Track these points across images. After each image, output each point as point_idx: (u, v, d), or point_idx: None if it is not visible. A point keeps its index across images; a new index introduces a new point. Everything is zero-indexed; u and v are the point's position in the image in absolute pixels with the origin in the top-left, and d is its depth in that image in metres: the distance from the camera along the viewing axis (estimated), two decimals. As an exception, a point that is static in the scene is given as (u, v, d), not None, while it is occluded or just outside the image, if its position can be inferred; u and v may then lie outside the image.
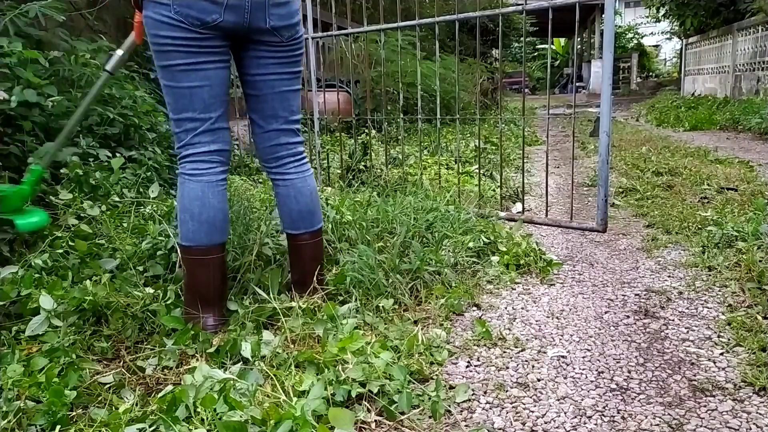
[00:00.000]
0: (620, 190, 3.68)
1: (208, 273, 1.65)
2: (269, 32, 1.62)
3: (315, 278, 1.82)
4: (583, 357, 1.57)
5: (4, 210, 1.75)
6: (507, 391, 1.41)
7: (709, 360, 1.53)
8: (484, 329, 1.68)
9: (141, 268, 1.92)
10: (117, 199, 2.42)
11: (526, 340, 1.68)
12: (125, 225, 2.22)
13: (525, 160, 3.27)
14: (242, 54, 1.67)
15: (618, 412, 1.31)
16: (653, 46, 24.25)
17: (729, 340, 1.63)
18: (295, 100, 1.76)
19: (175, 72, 1.56)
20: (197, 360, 1.46)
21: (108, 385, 1.38)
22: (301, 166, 1.80)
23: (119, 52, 1.83)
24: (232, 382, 1.28)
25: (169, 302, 1.72)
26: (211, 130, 1.63)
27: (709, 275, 2.14)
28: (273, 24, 1.61)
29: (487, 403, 1.36)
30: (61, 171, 2.37)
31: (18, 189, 1.78)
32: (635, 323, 1.78)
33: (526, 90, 9.98)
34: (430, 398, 1.29)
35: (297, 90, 1.76)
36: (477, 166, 3.69)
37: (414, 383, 1.36)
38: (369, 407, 1.29)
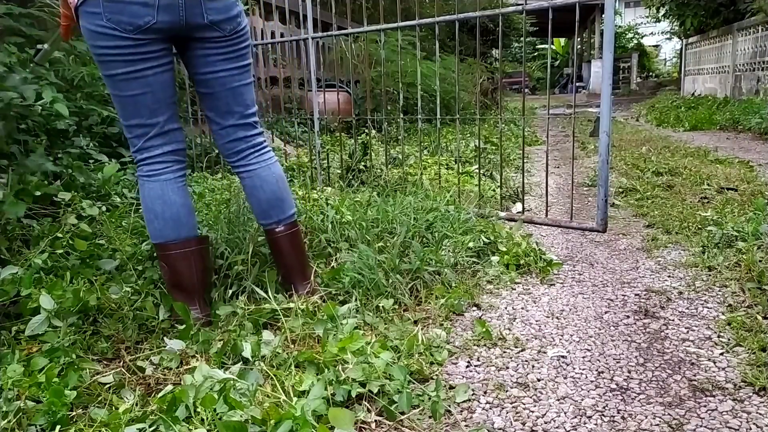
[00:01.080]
0: (620, 190, 3.68)
1: (184, 266, 1.67)
2: (209, 28, 1.60)
3: (310, 277, 1.82)
4: (583, 357, 1.57)
5: None
6: (507, 391, 1.41)
7: (709, 360, 1.53)
8: (484, 329, 1.68)
9: (140, 268, 1.92)
10: (117, 199, 2.42)
11: (526, 340, 1.68)
12: (125, 225, 2.22)
13: (525, 160, 3.27)
14: (188, 54, 1.66)
15: (618, 412, 1.31)
16: (653, 46, 24.24)
17: (729, 340, 1.63)
18: (248, 94, 1.75)
19: (117, 81, 1.55)
20: (197, 360, 1.46)
21: (108, 385, 1.38)
22: (263, 155, 1.79)
23: (45, 46, 1.90)
24: (232, 382, 1.28)
25: (154, 301, 1.72)
26: (162, 134, 1.64)
27: (709, 275, 2.14)
28: (212, 18, 1.58)
29: (487, 403, 1.36)
30: (63, 171, 2.38)
31: None
32: (635, 323, 1.78)
33: (526, 90, 9.97)
34: (430, 398, 1.29)
35: (249, 83, 1.75)
36: (477, 166, 3.69)
37: (414, 383, 1.36)
38: (369, 407, 1.29)
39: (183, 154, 1.71)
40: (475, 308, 1.92)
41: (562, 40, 27.09)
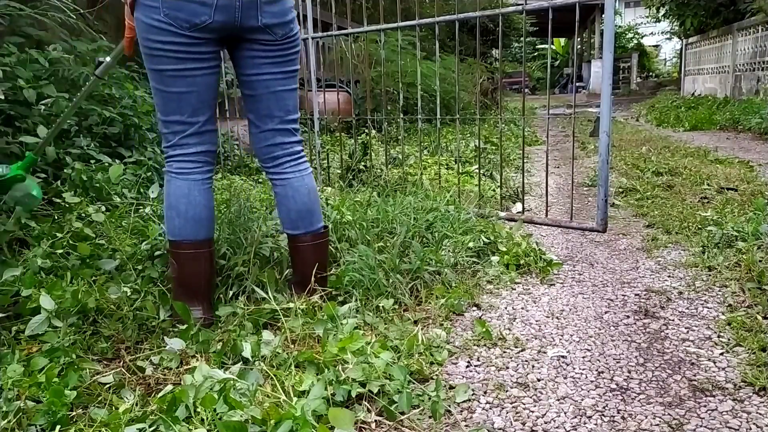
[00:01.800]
0: (620, 190, 3.68)
1: (195, 266, 1.67)
2: (262, 30, 1.61)
3: (314, 279, 1.82)
4: (583, 357, 1.57)
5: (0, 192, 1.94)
6: (507, 391, 1.41)
7: (709, 360, 1.53)
8: (484, 329, 1.68)
9: (140, 268, 1.92)
10: (117, 199, 2.42)
11: (526, 340, 1.68)
12: (125, 225, 2.22)
13: (525, 160, 3.27)
14: (236, 54, 1.67)
15: (618, 412, 1.31)
16: (653, 46, 24.25)
17: (729, 340, 1.63)
18: (291, 100, 1.75)
19: (165, 77, 1.56)
20: (197, 360, 1.46)
21: (108, 385, 1.37)
22: (299, 165, 1.79)
23: (108, 59, 1.90)
24: (232, 382, 1.28)
25: (154, 301, 1.72)
26: (199, 133, 1.65)
27: (709, 275, 2.14)
28: (266, 22, 1.59)
29: (487, 403, 1.36)
30: (64, 171, 2.38)
31: (12, 175, 1.98)
32: (635, 323, 1.78)
33: (526, 90, 9.97)
34: (430, 398, 1.29)
35: (293, 89, 1.75)
36: (477, 166, 3.69)
37: (414, 383, 1.36)
38: (369, 407, 1.29)
39: (213, 156, 1.72)
40: (475, 308, 1.92)
41: (562, 40, 27.09)
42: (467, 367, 1.53)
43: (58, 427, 1.17)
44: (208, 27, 1.52)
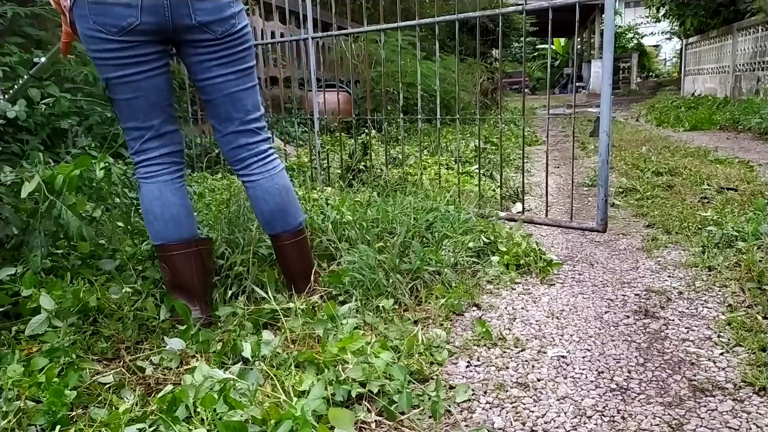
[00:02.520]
0: (620, 190, 3.68)
1: (184, 267, 1.67)
2: (200, 29, 1.54)
3: (311, 278, 1.82)
4: (583, 357, 1.57)
5: None
6: (507, 391, 1.41)
7: (709, 360, 1.53)
8: (484, 329, 1.68)
9: (140, 268, 1.92)
10: (117, 199, 2.42)
11: (526, 340, 1.68)
12: (123, 227, 2.22)
13: (525, 160, 3.27)
14: (185, 59, 1.64)
15: (618, 412, 1.31)
16: (653, 46, 24.24)
17: (729, 340, 1.63)
18: (248, 99, 1.68)
19: (111, 85, 1.55)
20: (197, 360, 1.46)
21: (108, 385, 1.38)
22: (267, 164, 1.74)
23: (43, 59, 1.90)
24: (232, 382, 1.28)
25: (155, 302, 1.72)
26: (157, 136, 1.64)
27: (709, 275, 2.14)
28: (200, 20, 1.53)
29: (487, 403, 1.36)
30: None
31: None
32: (635, 323, 1.78)
33: (526, 90, 9.97)
34: (430, 398, 1.29)
35: (249, 88, 1.68)
36: (477, 166, 3.69)
37: (414, 383, 1.36)
38: (369, 407, 1.29)
39: (180, 155, 1.71)
40: (475, 308, 1.92)
41: (562, 40, 27.09)
42: (467, 367, 1.53)
43: (58, 427, 1.17)
44: (137, 29, 1.48)
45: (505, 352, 1.61)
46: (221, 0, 1.56)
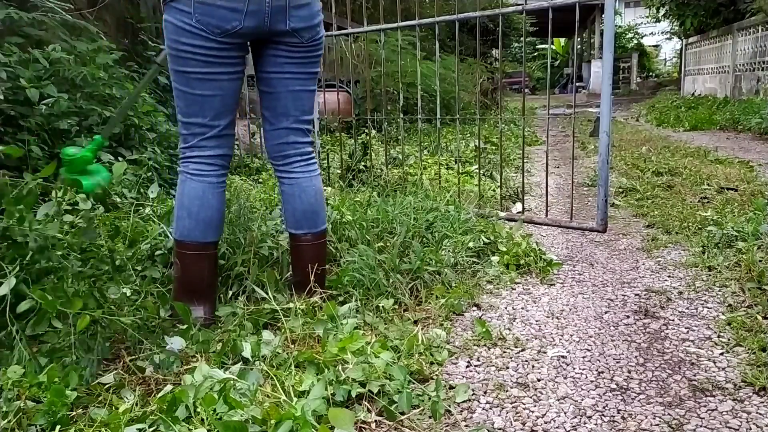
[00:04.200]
0: (620, 190, 3.68)
1: (198, 268, 1.67)
2: (290, 34, 1.62)
3: (314, 280, 1.82)
4: (583, 357, 1.57)
5: (69, 172, 1.92)
6: (507, 391, 1.41)
7: (709, 360, 1.53)
8: (484, 329, 1.68)
9: (140, 268, 1.92)
10: (117, 199, 2.42)
11: (526, 340, 1.68)
12: (125, 225, 2.22)
13: (525, 160, 3.27)
14: (259, 52, 1.68)
15: (618, 412, 1.31)
16: (653, 46, 24.24)
17: (729, 340, 1.63)
18: (308, 101, 1.76)
19: (190, 79, 1.57)
20: (197, 360, 1.46)
21: (108, 385, 1.37)
22: (308, 165, 1.80)
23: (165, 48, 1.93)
24: (232, 382, 1.28)
25: (154, 302, 1.72)
26: (218, 137, 1.66)
27: (709, 275, 2.14)
28: (293, 26, 1.61)
29: (487, 403, 1.36)
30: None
31: (81, 155, 1.95)
32: (635, 323, 1.78)
33: (526, 90, 9.97)
34: (430, 398, 1.29)
35: (311, 91, 1.76)
36: (477, 166, 3.69)
37: (414, 383, 1.36)
38: (369, 407, 1.29)
39: (229, 160, 1.73)
40: (475, 308, 1.92)
41: (562, 40, 27.09)
42: (467, 367, 1.53)
43: (58, 427, 1.17)
44: (238, 33, 1.54)
45: (505, 352, 1.61)
46: (313, 9, 1.64)
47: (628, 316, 1.84)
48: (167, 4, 1.53)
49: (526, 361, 1.56)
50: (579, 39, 23.08)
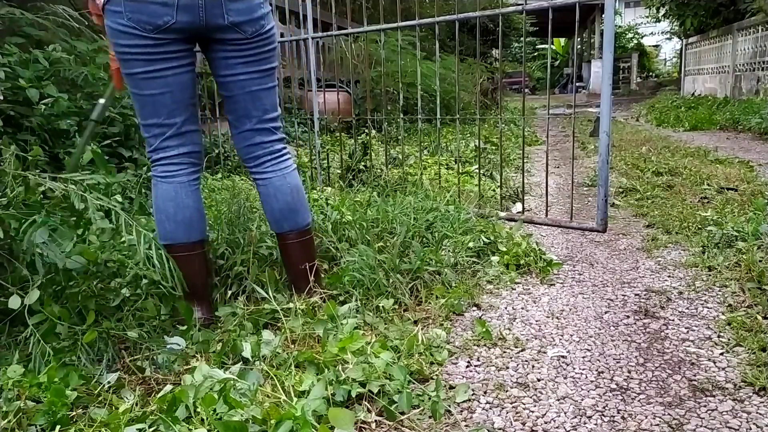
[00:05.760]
0: (620, 190, 3.68)
1: (189, 268, 1.66)
2: (231, 29, 1.58)
3: (311, 279, 1.82)
4: (583, 357, 1.57)
5: None
6: (507, 391, 1.41)
7: (709, 360, 1.53)
8: (484, 329, 1.68)
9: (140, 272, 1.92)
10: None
11: (526, 340, 1.68)
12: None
13: (525, 160, 3.27)
14: (210, 55, 1.66)
15: (618, 412, 1.31)
16: (653, 46, 24.25)
17: (729, 340, 1.63)
18: (268, 99, 1.72)
19: (137, 80, 1.56)
20: (197, 360, 1.46)
21: (108, 385, 1.37)
22: (280, 163, 1.77)
23: (101, 101, 1.87)
24: (232, 382, 1.28)
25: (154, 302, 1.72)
26: (179, 134, 1.64)
27: (709, 275, 2.14)
28: (232, 20, 1.57)
29: (487, 403, 1.36)
30: (62, 173, 2.37)
31: None
32: (635, 323, 1.78)
33: (526, 90, 9.97)
34: (430, 398, 1.29)
35: (270, 88, 1.72)
36: (477, 166, 3.69)
37: (414, 383, 1.36)
38: (369, 407, 1.29)
39: (198, 156, 1.71)
40: (475, 308, 1.92)
41: (562, 40, 27.08)
42: (467, 367, 1.53)
43: (58, 427, 1.17)
44: (172, 28, 1.51)
45: (505, 352, 1.61)
46: (253, 1, 1.60)
47: (628, 316, 1.84)
48: (104, 7, 1.51)
49: (526, 361, 1.56)
50: (579, 39, 23.08)
